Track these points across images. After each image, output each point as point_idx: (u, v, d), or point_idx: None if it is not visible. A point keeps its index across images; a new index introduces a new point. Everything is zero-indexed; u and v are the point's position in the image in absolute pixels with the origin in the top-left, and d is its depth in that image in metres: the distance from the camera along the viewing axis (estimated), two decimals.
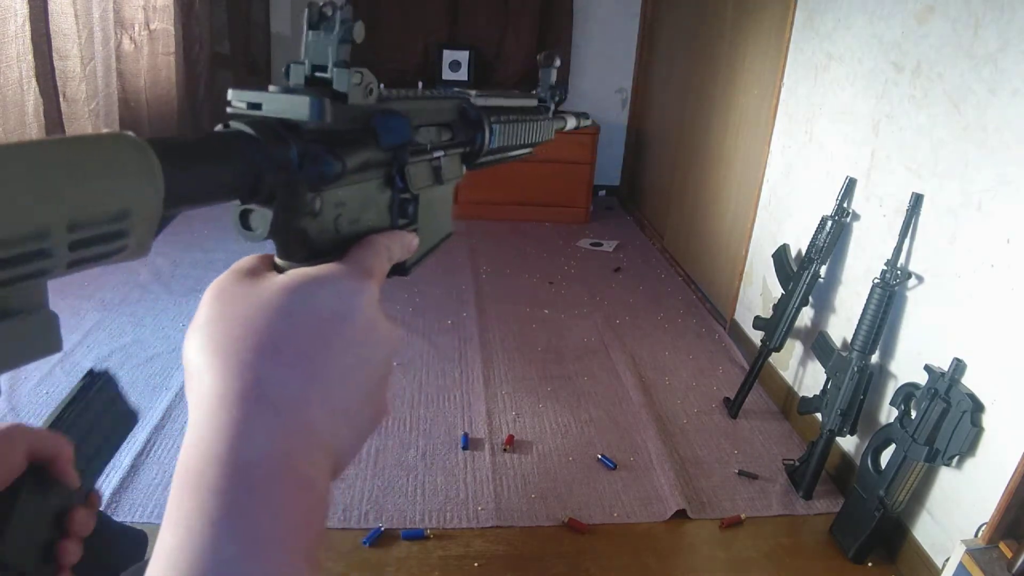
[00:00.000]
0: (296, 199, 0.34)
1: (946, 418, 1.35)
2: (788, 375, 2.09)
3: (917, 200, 1.51)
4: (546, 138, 0.67)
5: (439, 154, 0.47)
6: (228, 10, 3.41)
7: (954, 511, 1.37)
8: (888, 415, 1.57)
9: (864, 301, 1.59)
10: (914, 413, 1.42)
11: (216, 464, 0.29)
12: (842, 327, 1.81)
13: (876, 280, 1.57)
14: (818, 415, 1.73)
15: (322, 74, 0.36)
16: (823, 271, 1.86)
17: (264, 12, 3.77)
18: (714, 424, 1.98)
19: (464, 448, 1.77)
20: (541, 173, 3.59)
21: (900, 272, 1.55)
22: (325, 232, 0.37)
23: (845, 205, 1.79)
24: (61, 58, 2.19)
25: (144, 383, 1.93)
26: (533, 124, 0.62)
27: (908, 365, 1.55)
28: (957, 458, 1.34)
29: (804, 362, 2.01)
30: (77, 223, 0.24)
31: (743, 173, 2.50)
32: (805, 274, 1.86)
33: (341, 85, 0.36)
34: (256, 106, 0.34)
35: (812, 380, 1.93)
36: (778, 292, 1.96)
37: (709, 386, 2.19)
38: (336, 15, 0.35)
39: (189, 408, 0.32)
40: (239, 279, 0.34)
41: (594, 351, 2.35)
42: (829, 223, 1.79)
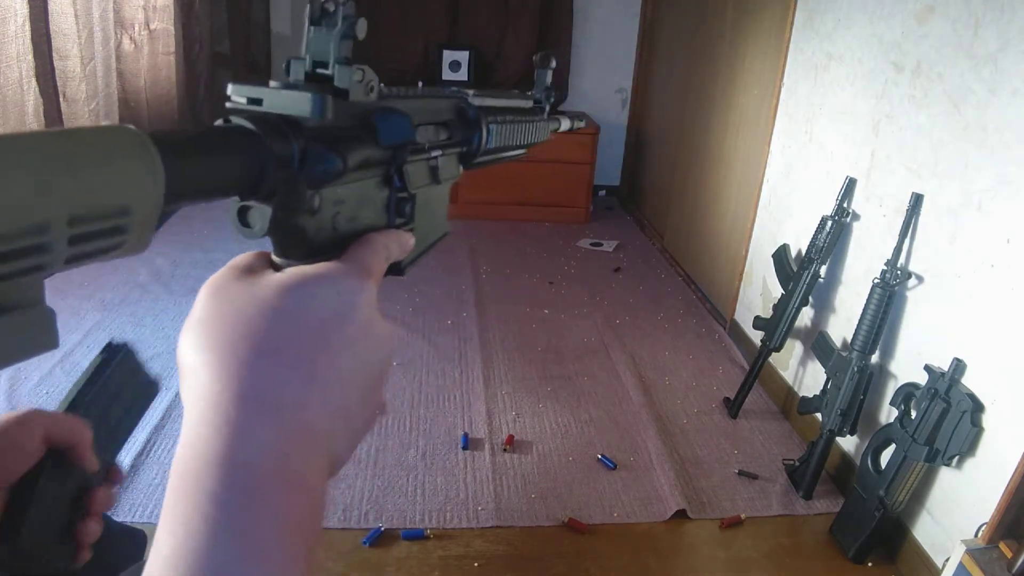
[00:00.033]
0: (296, 196, 0.34)
1: (946, 418, 1.35)
2: (788, 375, 2.09)
3: (917, 200, 1.51)
4: (541, 139, 0.66)
5: (437, 153, 0.47)
6: (228, 10, 3.41)
7: (954, 511, 1.37)
8: (888, 415, 1.57)
9: (864, 301, 1.59)
10: (914, 413, 1.42)
11: (213, 467, 0.28)
12: (842, 327, 1.81)
13: (876, 280, 1.57)
14: (818, 415, 1.73)
15: (323, 71, 0.35)
16: (823, 271, 1.86)
17: (264, 12, 3.77)
18: (714, 424, 1.98)
19: (464, 448, 1.77)
20: (541, 173, 3.60)
21: (900, 272, 1.55)
22: (323, 230, 0.36)
23: (845, 205, 1.79)
24: (61, 58, 2.19)
25: None
26: (529, 125, 0.62)
27: (908, 365, 1.55)
28: (957, 458, 1.34)
29: (804, 362, 2.01)
30: (77, 217, 0.24)
31: (743, 173, 2.50)
32: (805, 274, 1.86)
33: (342, 82, 0.35)
34: (256, 101, 0.33)
35: (812, 380, 1.93)
36: (778, 292, 1.96)
37: (709, 386, 2.19)
38: (338, 11, 0.34)
39: (184, 407, 0.31)
40: (236, 277, 0.34)
41: (594, 351, 2.35)
42: (829, 223, 1.79)
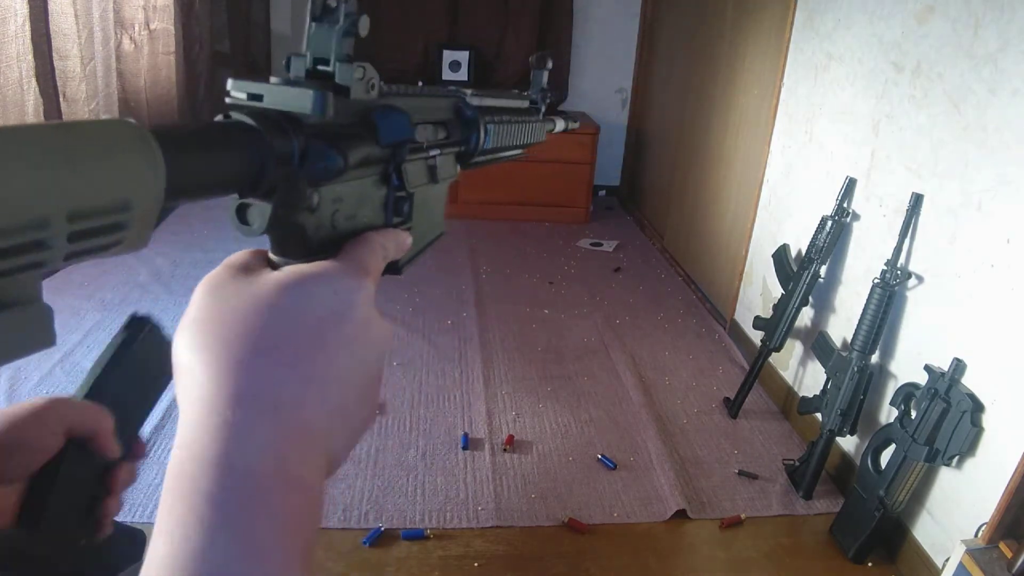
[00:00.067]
0: (296, 194, 0.34)
1: (946, 418, 1.35)
2: (788, 375, 2.09)
3: (917, 200, 1.51)
4: (538, 140, 0.66)
5: (435, 153, 0.46)
6: (228, 10, 3.41)
7: (954, 511, 1.37)
8: (888, 415, 1.57)
9: (864, 301, 1.59)
10: (914, 413, 1.42)
11: (210, 469, 0.28)
12: (842, 327, 1.81)
13: (876, 280, 1.57)
14: (818, 415, 1.73)
15: (324, 67, 0.35)
16: (823, 271, 1.86)
17: (264, 11, 3.77)
18: (714, 424, 1.98)
19: (464, 448, 1.77)
20: (541, 173, 3.60)
21: (900, 272, 1.55)
22: (322, 228, 0.36)
23: (845, 205, 1.79)
24: (61, 58, 2.19)
25: None
26: (526, 126, 0.62)
27: (908, 365, 1.55)
28: (957, 458, 1.34)
29: (804, 362, 2.01)
30: (77, 213, 0.23)
31: (743, 173, 2.50)
32: (805, 274, 1.86)
33: (344, 79, 0.35)
34: (257, 97, 0.33)
35: (812, 380, 1.93)
36: (778, 292, 1.96)
37: (709, 386, 2.19)
38: (340, 8, 0.34)
39: (180, 407, 0.31)
40: (233, 275, 0.33)
41: (594, 351, 2.34)
42: (829, 223, 1.79)
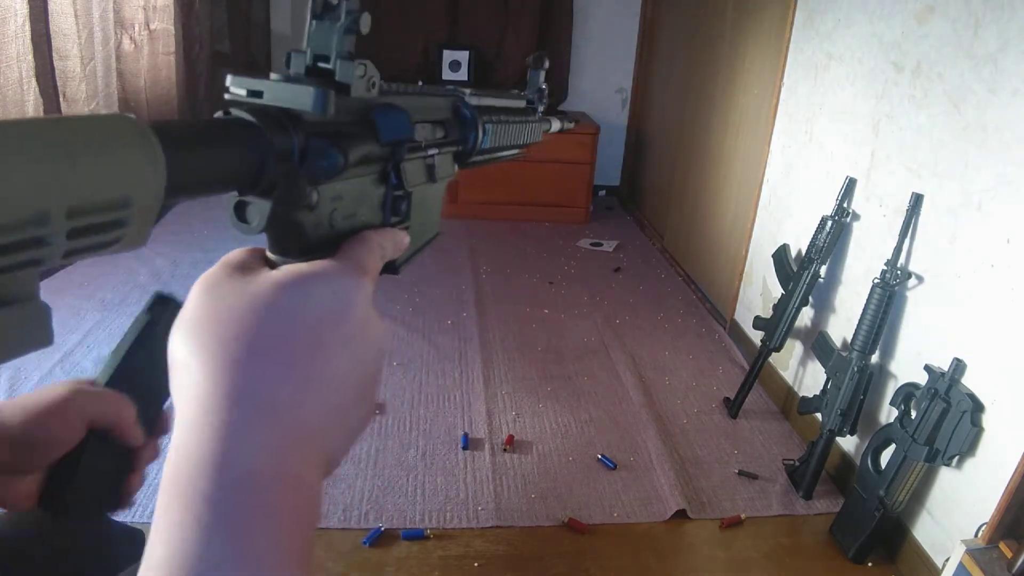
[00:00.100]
0: (295, 192, 0.33)
1: (946, 418, 1.35)
2: (788, 375, 2.09)
3: (917, 200, 1.51)
4: (535, 140, 0.66)
5: (433, 152, 0.46)
6: (228, 10, 3.41)
7: (954, 511, 1.37)
8: (888, 415, 1.57)
9: (864, 301, 1.59)
10: (914, 413, 1.42)
11: (208, 471, 0.28)
12: (842, 327, 1.81)
13: (876, 280, 1.57)
14: (818, 415, 1.73)
15: (324, 64, 0.35)
16: (823, 271, 1.86)
17: (264, 11, 3.77)
18: (714, 424, 1.98)
19: (464, 448, 1.77)
20: (541, 173, 3.60)
21: (900, 272, 1.54)
22: (321, 227, 0.36)
23: (845, 205, 1.79)
24: (61, 58, 2.19)
25: None
26: (524, 126, 0.61)
27: (908, 365, 1.55)
28: (957, 458, 1.34)
29: (804, 362, 2.01)
30: (76, 209, 0.23)
31: (743, 173, 2.50)
32: (805, 274, 1.86)
33: (344, 77, 0.35)
34: (257, 94, 0.33)
35: (812, 380, 1.93)
36: (778, 292, 1.96)
37: (709, 386, 2.19)
38: (342, 5, 0.34)
39: (175, 406, 0.30)
40: (230, 273, 0.33)
41: (594, 351, 2.34)
42: (829, 223, 1.79)
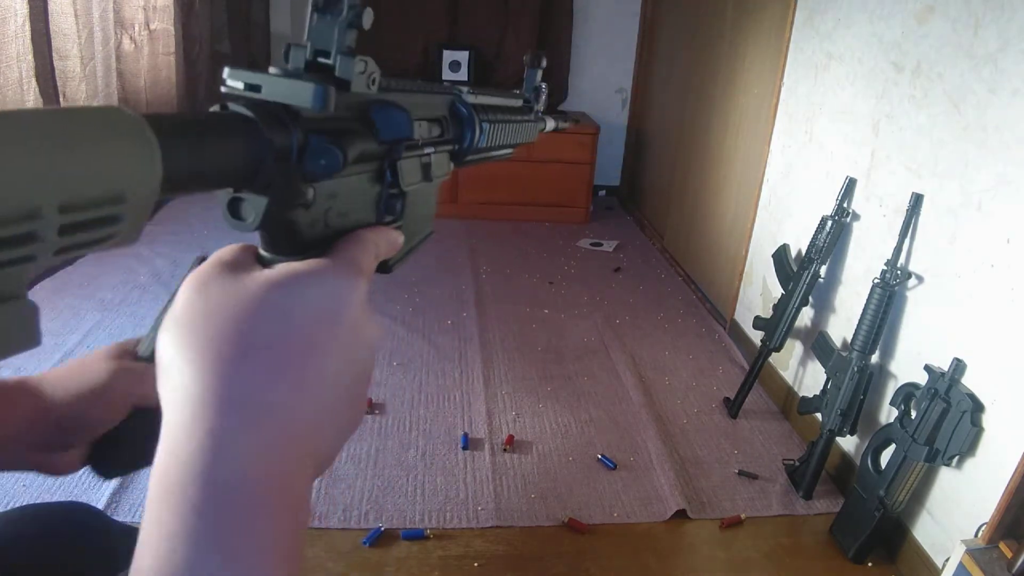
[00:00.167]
0: (292, 189, 0.33)
1: (946, 418, 1.35)
2: (788, 375, 2.09)
3: (917, 200, 1.51)
4: (529, 139, 0.65)
5: (430, 151, 0.46)
6: (228, 10, 3.41)
7: (954, 511, 1.37)
8: (888, 415, 1.57)
9: (864, 301, 1.59)
10: (914, 413, 1.42)
11: (198, 480, 0.27)
12: (842, 327, 1.81)
13: (876, 280, 1.57)
14: (818, 415, 1.73)
15: (324, 60, 0.34)
16: (823, 271, 1.86)
17: (264, 12, 3.77)
18: (714, 424, 1.98)
19: (464, 448, 1.77)
20: (541, 173, 3.59)
21: (900, 272, 1.54)
22: (316, 225, 0.35)
23: (845, 205, 1.79)
24: (61, 58, 2.19)
25: None
26: (520, 125, 0.61)
27: (908, 365, 1.55)
28: (957, 458, 1.34)
29: (804, 362, 2.01)
30: (69, 204, 0.22)
31: (743, 173, 2.50)
32: (805, 274, 1.86)
33: (344, 73, 0.34)
34: (255, 88, 0.32)
35: (812, 380, 1.93)
36: (778, 292, 1.96)
37: (709, 386, 2.19)
38: None
39: (164, 407, 0.30)
40: (222, 271, 0.32)
41: (594, 351, 2.34)
42: (829, 223, 1.79)
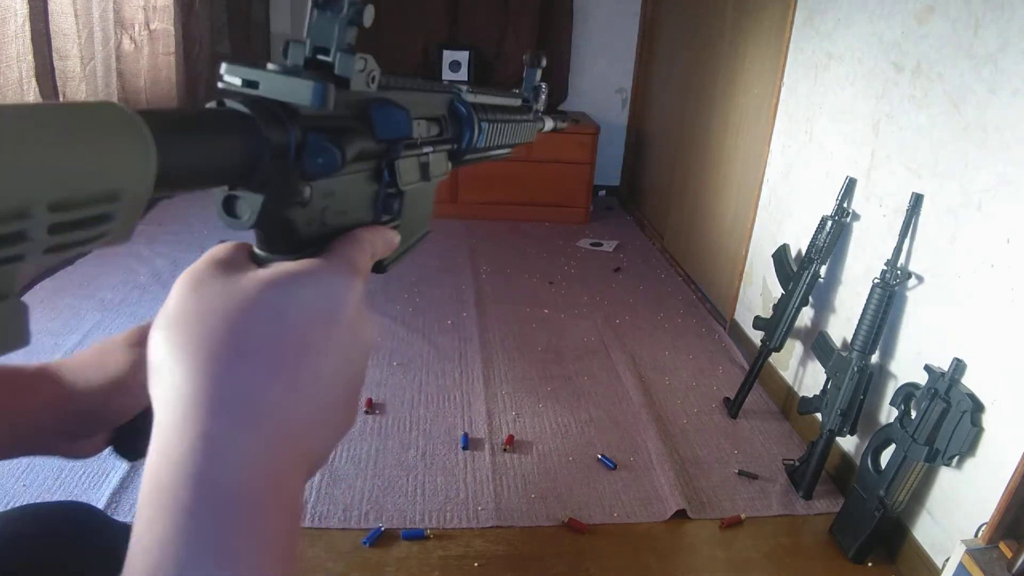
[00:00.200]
0: (289, 188, 0.32)
1: (946, 418, 1.35)
2: (788, 375, 2.09)
3: (917, 200, 1.51)
4: (528, 139, 0.65)
5: (428, 150, 0.45)
6: (228, 10, 3.41)
7: (954, 511, 1.37)
8: (888, 415, 1.57)
9: (864, 301, 1.59)
10: (914, 413, 1.42)
11: (191, 483, 0.27)
12: (842, 327, 1.81)
13: (876, 280, 1.57)
14: (818, 415, 1.73)
15: (324, 57, 0.33)
16: (823, 271, 1.86)
17: (264, 12, 3.77)
18: (714, 424, 1.98)
19: (464, 448, 1.77)
20: (541, 173, 3.60)
21: (900, 272, 1.55)
22: (312, 224, 0.35)
23: (845, 205, 1.79)
24: (61, 58, 2.19)
25: None
26: (518, 125, 0.61)
27: (908, 365, 1.55)
28: (957, 458, 1.34)
29: (804, 362, 2.01)
30: (61, 203, 0.21)
31: (743, 173, 2.50)
32: (805, 274, 1.86)
33: (344, 71, 0.33)
34: (252, 84, 0.31)
35: (812, 380, 1.93)
36: (778, 292, 1.96)
37: (709, 386, 2.19)
38: None
39: (155, 407, 0.29)
40: (216, 270, 0.32)
41: (594, 351, 2.34)
42: (829, 223, 1.79)
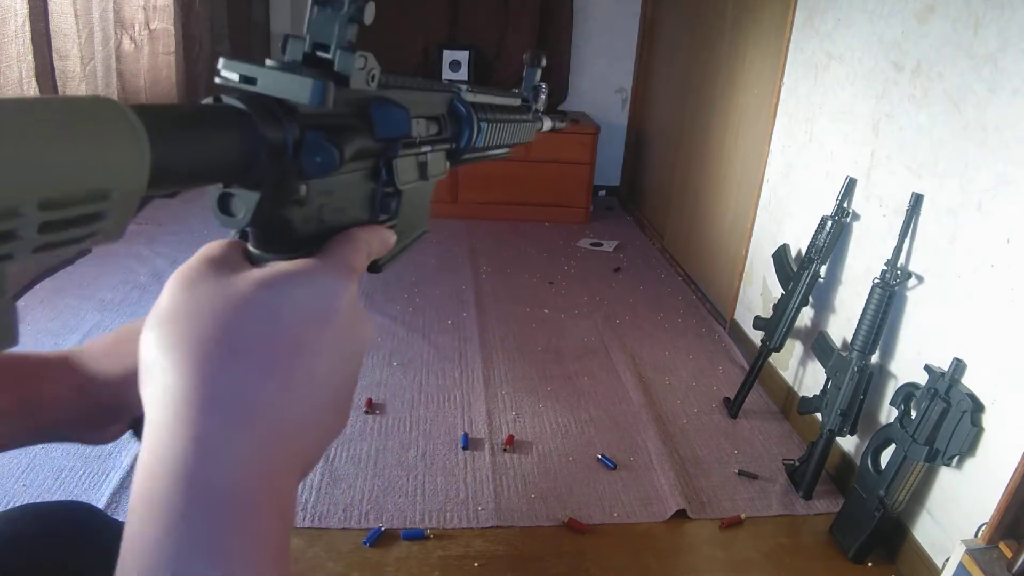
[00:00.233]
0: (285, 186, 0.32)
1: (946, 418, 1.35)
2: (788, 375, 2.09)
3: (917, 200, 1.51)
4: (526, 139, 0.65)
5: (427, 149, 0.45)
6: (228, 10, 3.41)
7: (954, 511, 1.37)
8: (888, 415, 1.57)
9: (864, 301, 1.59)
10: (914, 413, 1.42)
11: (184, 487, 0.27)
12: (842, 327, 1.81)
13: (876, 280, 1.57)
14: (818, 415, 1.73)
15: (323, 54, 0.32)
16: (823, 271, 1.86)
17: (264, 12, 3.77)
18: (714, 424, 1.98)
19: (464, 448, 1.77)
20: (541, 173, 3.60)
21: (900, 272, 1.54)
22: (307, 222, 0.34)
23: (845, 205, 1.79)
24: (61, 58, 2.19)
25: None
26: (517, 125, 0.61)
27: (908, 365, 1.55)
28: (957, 458, 1.34)
29: (804, 362, 2.01)
30: (51, 202, 0.21)
31: (743, 173, 2.50)
32: (805, 274, 1.86)
33: (343, 68, 0.33)
34: (250, 80, 0.30)
35: (812, 380, 1.93)
36: (778, 292, 1.96)
37: (709, 386, 2.19)
38: None
39: (146, 408, 0.29)
40: (210, 269, 0.31)
41: (594, 351, 2.34)
42: (829, 223, 1.79)
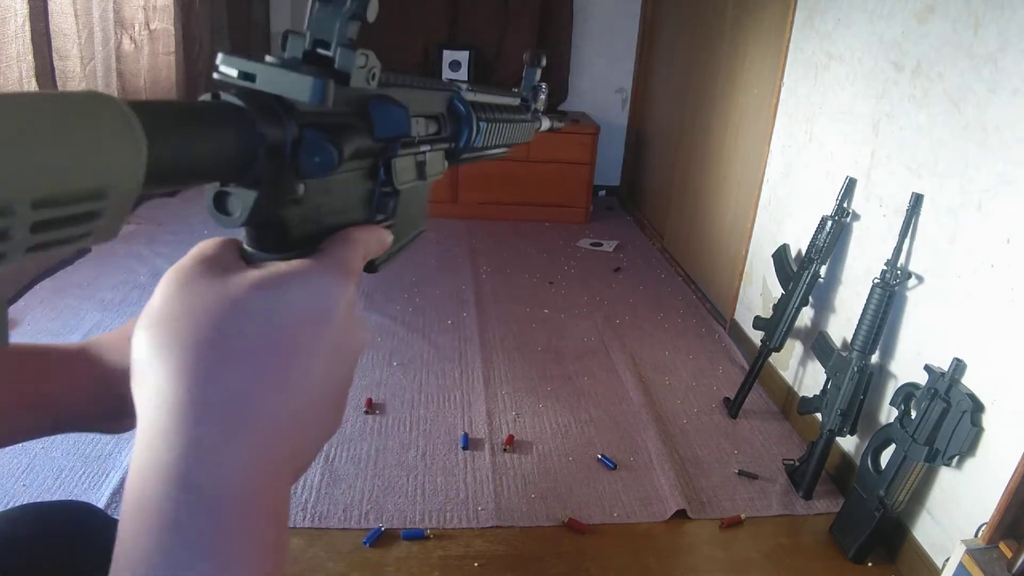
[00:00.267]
0: (283, 185, 0.31)
1: (946, 418, 1.35)
2: (788, 375, 2.09)
3: (917, 200, 1.51)
4: (525, 139, 0.65)
5: (425, 149, 0.45)
6: (228, 10, 3.41)
7: (954, 511, 1.37)
8: (888, 415, 1.57)
9: (864, 301, 1.59)
10: (914, 413, 1.42)
11: (178, 494, 0.26)
12: (842, 327, 1.81)
13: (876, 280, 1.57)
14: (818, 415, 1.73)
15: (324, 51, 0.32)
16: (823, 271, 1.86)
17: (264, 12, 3.77)
18: (714, 424, 1.98)
19: (464, 448, 1.77)
20: (541, 173, 3.60)
21: (900, 272, 1.54)
22: (304, 222, 0.34)
23: (845, 205, 1.79)
24: (61, 58, 2.19)
25: None
26: (517, 125, 0.60)
27: (908, 365, 1.55)
28: (957, 458, 1.34)
29: (804, 362, 2.01)
30: (44, 200, 0.20)
31: (743, 173, 2.50)
32: (805, 274, 1.86)
33: (344, 65, 0.32)
34: (249, 77, 0.30)
35: (812, 380, 1.93)
36: (778, 292, 1.96)
37: (709, 386, 2.19)
38: None
39: (138, 409, 0.28)
40: (205, 269, 0.31)
41: (594, 351, 2.34)
42: (829, 223, 1.79)
